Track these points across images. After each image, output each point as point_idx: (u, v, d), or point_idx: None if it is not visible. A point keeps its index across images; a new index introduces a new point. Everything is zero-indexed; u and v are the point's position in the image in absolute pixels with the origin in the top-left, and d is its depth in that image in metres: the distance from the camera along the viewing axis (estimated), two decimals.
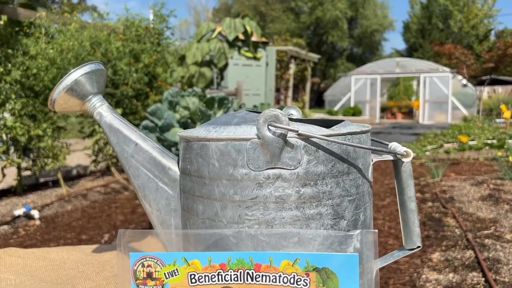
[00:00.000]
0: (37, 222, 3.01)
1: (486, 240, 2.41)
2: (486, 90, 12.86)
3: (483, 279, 1.93)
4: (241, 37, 5.19)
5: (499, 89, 13.52)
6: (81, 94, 0.52)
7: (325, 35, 20.57)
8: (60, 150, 3.78)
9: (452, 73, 12.21)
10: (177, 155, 1.58)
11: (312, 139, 0.41)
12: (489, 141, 5.74)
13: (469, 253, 2.24)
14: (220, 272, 0.41)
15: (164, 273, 0.42)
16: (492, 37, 18.77)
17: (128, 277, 0.42)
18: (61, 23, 3.68)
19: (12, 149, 3.55)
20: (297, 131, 0.39)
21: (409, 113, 14.34)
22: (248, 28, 5.04)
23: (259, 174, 0.41)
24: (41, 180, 4.23)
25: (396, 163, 0.48)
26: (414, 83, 15.32)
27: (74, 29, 3.64)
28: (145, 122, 2.21)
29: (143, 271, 0.42)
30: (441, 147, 6.14)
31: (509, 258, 2.14)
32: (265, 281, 0.40)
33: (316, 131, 0.41)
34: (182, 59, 5.16)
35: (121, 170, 4.75)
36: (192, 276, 0.41)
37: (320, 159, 0.41)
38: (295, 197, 0.41)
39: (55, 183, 4.09)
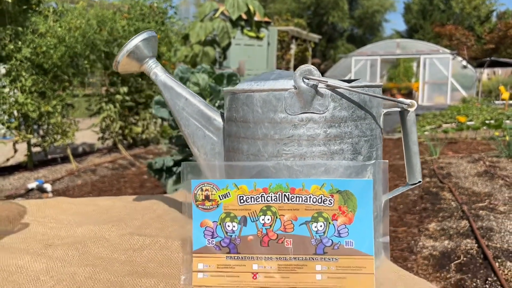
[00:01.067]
0: (50, 195, 3.14)
1: (481, 212, 2.54)
2: (486, 72, 12.89)
3: (476, 245, 2.06)
4: (244, 16, 5.23)
5: (499, 71, 13.56)
6: (140, 57, 0.62)
7: (326, 16, 20.45)
8: (69, 126, 3.88)
9: (452, 55, 12.23)
10: None
11: (338, 89, 0.51)
12: (487, 122, 5.84)
13: (464, 223, 2.37)
14: (263, 194, 0.52)
15: (219, 196, 0.53)
16: (494, 19, 18.69)
17: (190, 200, 0.53)
18: (69, 1, 3.73)
19: (23, 125, 3.65)
20: (327, 82, 0.50)
21: (409, 94, 14.39)
22: (251, 8, 5.07)
23: (294, 118, 0.52)
24: (50, 157, 4.34)
25: (402, 114, 0.58)
26: (414, 64, 15.33)
27: (81, 7, 3.69)
28: (157, 98, 2.31)
29: (201, 194, 0.53)
30: (440, 127, 6.24)
31: (501, 227, 2.27)
32: (298, 201, 0.51)
33: (340, 84, 0.52)
34: (185, 38, 5.21)
35: (128, 147, 4.86)
36: (241, 197, 0.52)
37: (343, 106, 0.52)
38: (323, 136, 0.52)
39: (64, 159, 4.21)
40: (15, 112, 3.50)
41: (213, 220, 0.53)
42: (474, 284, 1.70)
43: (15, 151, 3.62)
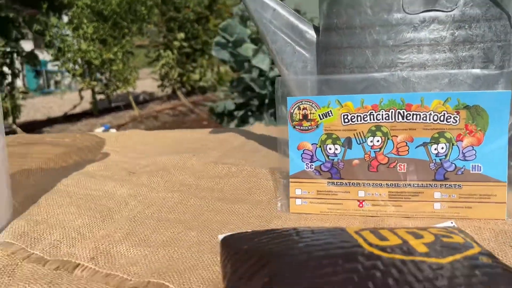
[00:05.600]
0: None
1: None
2: None
3: None
4: None
5: None
6: None
7: None
8: (130, 74, 3.94)
9: None
10: (248, 71, 1.62)
11: None
12: None
13: None
14: (372, 112, 0.45)
15: (319, 115, 0.46)
16: None
17: (286, 120, 0.47)
18: None
19: (87, 73, 3.75)
20: None
21: None
22: None
23: (414, 18, 0.43)
24: (113, 105, 4.48)
25: None
26: None
27: None
28: (217, 39, 2.24)
29: (299, 113, 0.46)
30: None
31: None
32: (416, 119, 0.44)
33: None
34: None
35: (186, 95, 4.90)
36: (345, 116, 0.45)
37: (476, 1, 0.42)
38: (449, 39, 0.43)
39: (126, 107, 4.32)
40: (79, 60, 3.58)
41: (312, 142, 0.47)
42: None
43: (81, 98, 3.75)
